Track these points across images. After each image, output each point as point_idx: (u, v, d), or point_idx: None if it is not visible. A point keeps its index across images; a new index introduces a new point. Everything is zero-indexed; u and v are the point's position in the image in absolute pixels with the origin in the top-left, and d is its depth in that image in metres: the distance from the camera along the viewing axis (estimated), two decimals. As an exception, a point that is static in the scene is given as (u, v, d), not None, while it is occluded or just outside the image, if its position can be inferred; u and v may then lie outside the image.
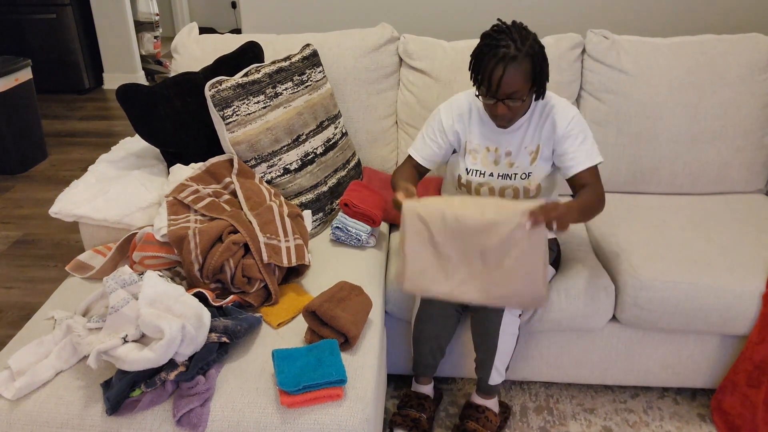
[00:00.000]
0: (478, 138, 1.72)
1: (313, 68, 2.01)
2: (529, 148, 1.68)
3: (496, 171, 1.71)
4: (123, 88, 1.79)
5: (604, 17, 2.91)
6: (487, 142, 1.71)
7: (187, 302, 1.34)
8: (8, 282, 2.61)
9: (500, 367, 1.68)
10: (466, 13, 2.94)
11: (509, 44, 1.48)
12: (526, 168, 1.70)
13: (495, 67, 1.48)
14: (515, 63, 1.48)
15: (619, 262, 1.81)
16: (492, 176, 1.72)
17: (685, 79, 2.10)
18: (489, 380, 1.70)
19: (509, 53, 1.47)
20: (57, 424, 1.29)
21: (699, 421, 1.91)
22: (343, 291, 1.49)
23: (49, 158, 3.84)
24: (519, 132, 1.68)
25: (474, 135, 1.73)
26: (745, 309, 1.71)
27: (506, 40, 1.49)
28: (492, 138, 1.71)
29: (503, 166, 1.71)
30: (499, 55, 1.48)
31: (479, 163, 1.72)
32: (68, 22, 4.72)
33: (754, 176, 2.18)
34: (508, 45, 1.48)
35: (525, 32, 1.52)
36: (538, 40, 1.53)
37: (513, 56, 1.47)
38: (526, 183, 1.70)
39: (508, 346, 1.65)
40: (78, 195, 1.78)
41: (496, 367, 1.68)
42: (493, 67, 1.49)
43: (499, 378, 1.70)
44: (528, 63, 1.50)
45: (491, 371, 1.68)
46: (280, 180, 1.86)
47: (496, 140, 1.70)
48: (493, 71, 1.49)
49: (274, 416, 1.27)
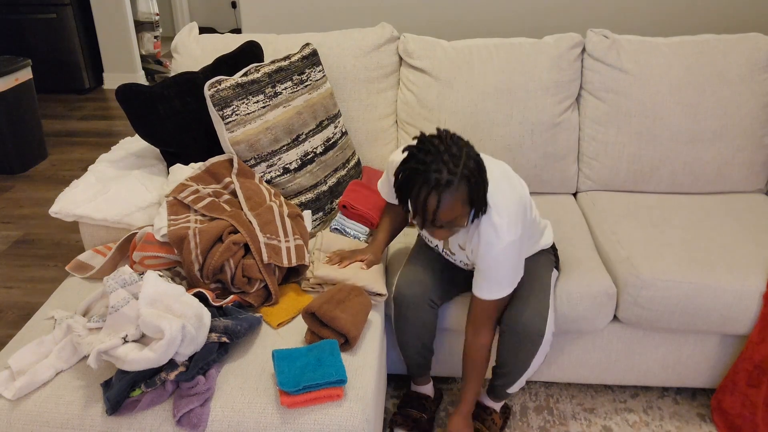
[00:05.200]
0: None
1: (312, 68, 2.01)
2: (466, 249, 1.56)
3: (440, 246, 1.65)
4: (123, 88, 1.79)
5: (604, 17, 2.91)
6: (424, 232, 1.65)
7: (187, 302, 1.34)
8: (8, 282, 2.61)
9: (524, 380, 1.67)
10: (466, 13, 2.94)
11: (441, 169, 1.29)
12: (465, 260, 1.62)
13: (428, 196, 1.30)
14: (450, 190, 1.29)
15: (620, 262, 1.81)
16: (437, 247, 1.67)
17: (685, 79, 2.10)
18: (509, 389, 1.70)
19: (442, 179, 1.28)
20: (57, 424, 1.29)
21: (699, 421, 1.91)
22: (342, 292, 1.49)
23: (49, 158, 3.84)
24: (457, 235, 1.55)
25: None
26: (745, 309, 1.71)
27: (437, 163, 1.29)
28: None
29: (444, 252, 1.66)
30: (431, 183, 1.29)
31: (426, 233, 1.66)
32: (68, 22, 4.72)
33: (754, 176, 2.18)
34: (440, 170, 1.29)
35: (456, 149, 1.31)
36: (472, 155, 1.33)
37: (447, 182, 1.28)
38: (471, 267, 1.63)
39: (539, 362, 1.62)
40: (78, 195, 1.78)
41: (521, 380, 1.67)
42: (425, 197, 1.30)
43: (519, 387, 1.70)
44: (464, 186, 1.31)
45: (516, 383, 1.67)
46: (280, 179, 1.86)
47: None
48: (427, 201, 1.31)
49: (274, 416, 1.27)
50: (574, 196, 2.28)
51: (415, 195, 1.32)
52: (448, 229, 1.39)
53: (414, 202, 1.34)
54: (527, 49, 2.15)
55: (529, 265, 1.68)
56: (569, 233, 1.99)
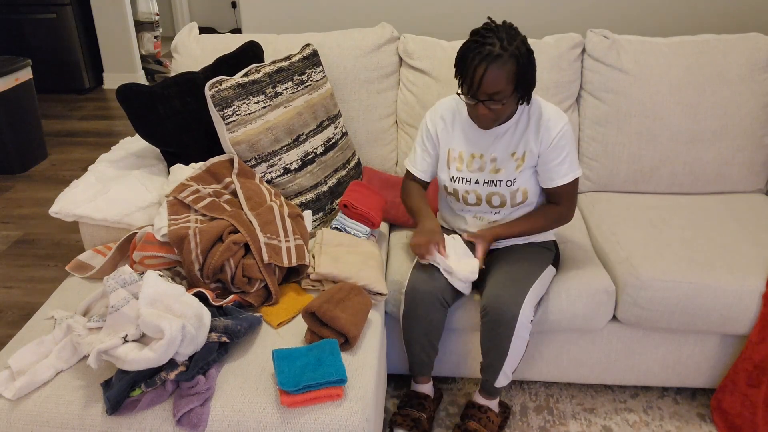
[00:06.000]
0: (463, 143, 1.69)
1: (313, 68, 2.01)
2: (516, 155, 1.65)
3: (481, 178, 1.69)
4: (123, 88, 1.79)
5: (604, 17, 2.91)
6: (472, 148, 1.69)
7: (187, 302, 1.34)
8: (8, 282, 2.62)
9: (508, 371, 1.67)
10: (466, 13, 2.94)
11: (495, 43, 1.44)
12: (512, 175, 1.67)
13: (478, 65, 1.45)
14: (499, 62, 1.44)
15: (619, 262, 1.81)
16: (477, 183, 1.70)
17: (685, 79, 2.10)
18: (495, 383, 1.70)
19: (494, 52, 1.44)
20: (57, 424, 1.29)
21: (699, 421, 1.91)
22: (342, 291, 1.49)
23: (49, 158, 3.84)
24: (505, 137, 1.66)
25: (458, 140, 1.70)
26: (745, 309, 1.71)
27: (493, 38, 1.45)
28: (477, 143, 1.68)
29: (488, 173, 1.68)
30: (483, 53, 1.44)
31: (464, 170, 1.70)
32: (68, 22, 4.72)
33: (754, 176, 2.18)
34: (493, 43, 1.44)
35: (514, 32, 1.48)
36: (526, 43, 1.49)
37: (497, 55, 1.44)
38: (512, 190, 1.68)
39: (519, 350, 1.63)
40: (78, 195, 1.78)
41: (504, 371, 1.66)
42: (476, 66, 1.45)
43: (506, 381, 1.70)
44: (512, 63, 1.46)
45: (499, 374, 1.67)
46: (280, 180, 1.86)
47: (481, 145, 1.68)
48: (476, 69, 1.46)
49: (274, 416, 1.27)
50: (574, 196, 2.28)
51: (468, 63, 1.47)
52: (489, 108, 1.51)
53: (465, 70, 1.48)
54: (527, 49, 2.16)
55: (523, 255, 1.70)
56: (569, 234, 1.99)
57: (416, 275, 1.69)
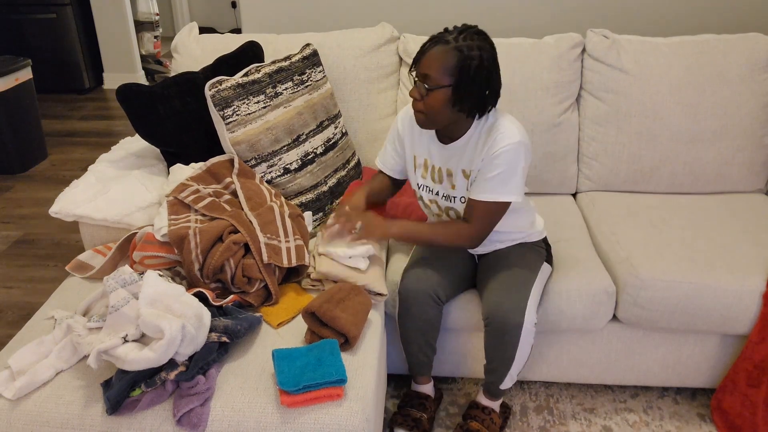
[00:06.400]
0: (425, 152, 1.67)
1: (313, 68, 2.01)
2: (466, 172, 1.60)
3: (441, 190, 1.68)
4: (123, 88, 1.79)
5: (604, 17, 2.91)
6: (433, 159, 1.66)
7: (187, 302, 1.34)
8: (8, 282, 2.62)
9: (514, 374, 1.67)
10: (466, 13, 2.94)
11: (451, 34, 1.47)
12: (464, 192, 1.63)
13: (426, 43, 1.49)
14: (442, 47, 1.45)
15: (619, 262, 1.81)
16: (438, 195, 1.69)
17: (685, 79, 2.10)
18: (501, 385, 1.70)
19: (444, 38, 1.46)
20: (57, 424, 1.29)
21: (699, 421, 1.91)
22: (342, 291, 1.49)
23: (49, 158, 3.84)
24: (458, 153, 1.60)
25: (423, 148, 1.67)
26: (745, 308, 1.71)
27: (454, 33, 1.47)
28: (436, 155, 1.65)
29: (446, 187, 1.66)
30: (436, 37, 1.48)
31: (428, 178, 1.69)
32: (68, 22, 4.72)
33: (754, 176, 2.18)
34: (449, 34, 1.47)
35: (477, 37, 1.45)
36: (484, 53, 1.44)
37: (445, 41, 1.45)
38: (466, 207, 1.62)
39: (525, 354, 1.62)
40: (78, 195, 1.78)
41: (510, 375, 1.66)
42: (425, 44, 1.49)
43: (511, 382, 1.69)
44: (454, 57, 1.43)
45: (505, 378, 1.67)
46: (280, 180, 1.86)
47: (440, 159, 1.64)
48: (423, 46, 1.49)
49: (274, 416, 1.27)
50: (574, 196, 2.28)
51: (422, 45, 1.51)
52: (419, 92, 1.49)
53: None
54: (527, 49, 2.15)
55: (516, 257, 1.70)
56: (569, 233, 1.99)
57: (408, 274, 1.69)
